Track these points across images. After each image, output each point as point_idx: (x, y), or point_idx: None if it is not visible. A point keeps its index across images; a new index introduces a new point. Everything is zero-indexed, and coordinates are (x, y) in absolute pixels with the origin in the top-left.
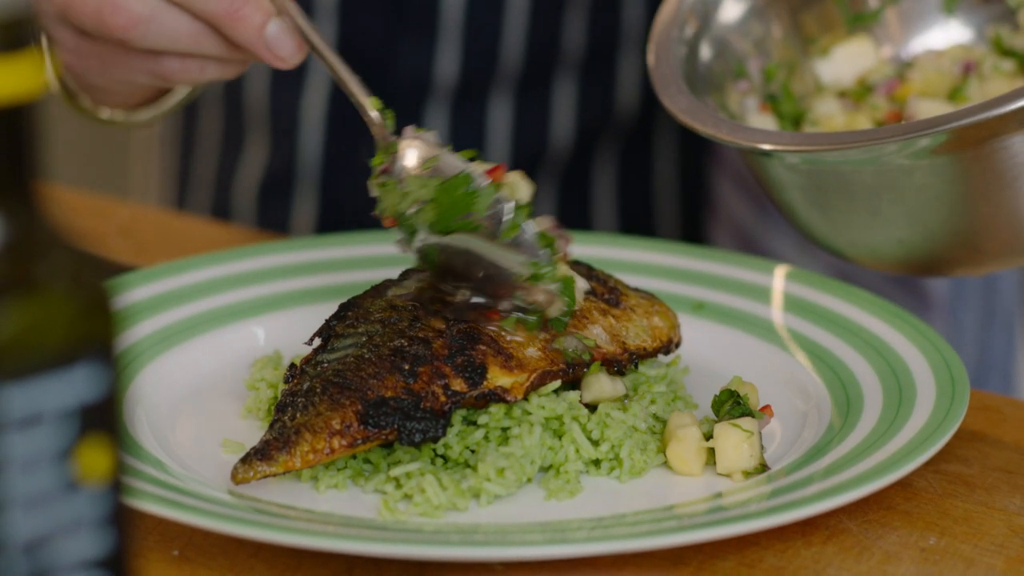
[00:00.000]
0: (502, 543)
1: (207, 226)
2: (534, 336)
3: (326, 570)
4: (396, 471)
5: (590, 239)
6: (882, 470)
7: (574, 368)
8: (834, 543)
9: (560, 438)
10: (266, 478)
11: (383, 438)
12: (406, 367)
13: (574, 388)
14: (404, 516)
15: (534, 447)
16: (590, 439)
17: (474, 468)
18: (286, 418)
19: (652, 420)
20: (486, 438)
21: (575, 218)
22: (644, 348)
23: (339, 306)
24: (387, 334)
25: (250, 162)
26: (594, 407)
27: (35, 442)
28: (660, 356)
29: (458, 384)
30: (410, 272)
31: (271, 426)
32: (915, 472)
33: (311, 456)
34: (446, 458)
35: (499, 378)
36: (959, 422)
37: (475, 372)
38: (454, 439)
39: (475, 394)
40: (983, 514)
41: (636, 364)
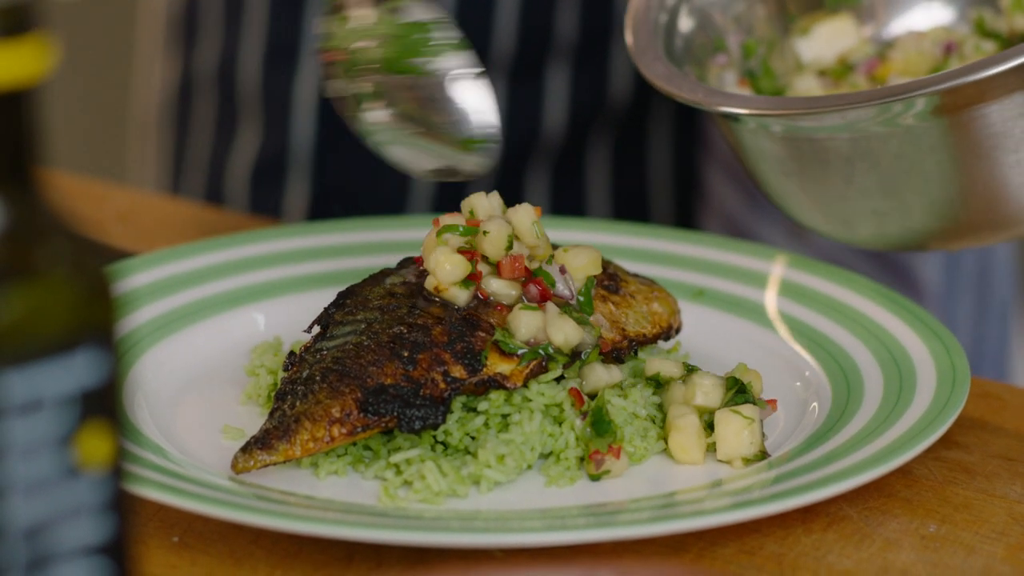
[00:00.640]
0: (502, 530)
1: (206, 212)
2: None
3: (326, 556)
4: (396, 458)
5: (586, 225)
6: (883, 457)
7: (575, 355)
8: (834, 530)
9: (560, 425)
10: (266, 467)
11: (383, 425)
12: (405, 354)
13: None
14: (404, 503)
15: (534, 434)
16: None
17: (474, 455)
18: (286, 406)
19: (652, 408)
20: (486, 425)
21: (568, 206)
22: (644, 335)
23: (338, 294)
24: (386, 321)
25: (243, 147)
26: (592, 396)
27: (35, 428)
28: (660, 342)
29: (458, 371)
30: (408, 260)
31: (271, 415)
32: (915, 459)
33: (311, 444)
34: (446, 445)
35: (498, 365)
36: (959, 409)
37: (474, 359)
38: (454, 426)
39: (475, 381)
40: (983, 501)
41: (636, 351)
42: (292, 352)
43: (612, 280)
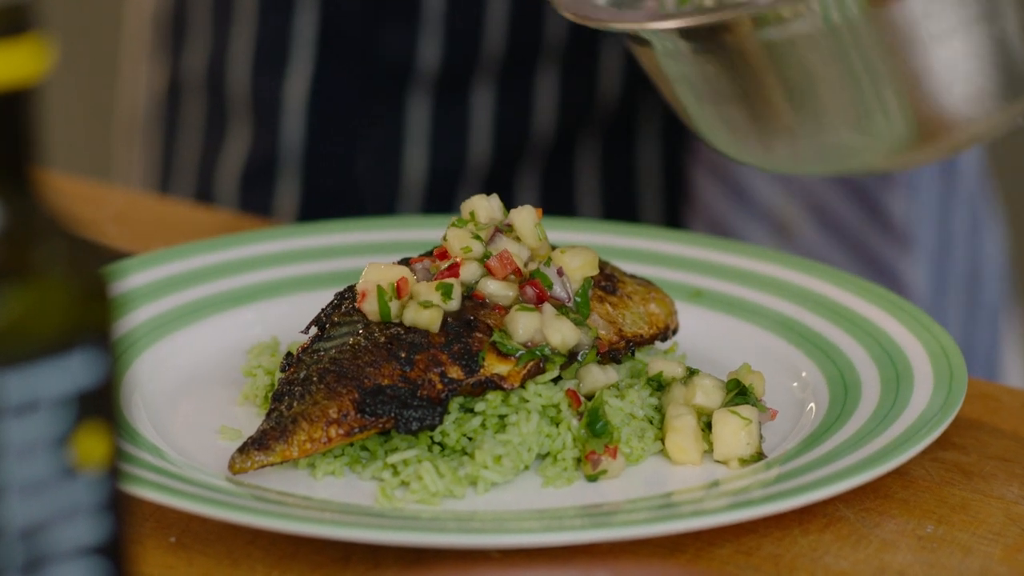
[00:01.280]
0: (499, 530)
1: (202, 213)
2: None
3: (323, 557)
4: (393, 458)
5: (578, 225)
6: (879, 458)
7: (572, 356)
8: (831, 531)
9: (557, 425)
10: (263, 468)
11: (380, 426)
12: (403, 355)
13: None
14: (401, 503)
15: (531, 434)
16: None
17: (471, 455)
18: (283, 407)
19: (650, 408)
20: (483, 425)
21: (558, 208)
22: (641, 335)
23: (335, 295)
24: (383, 322)
25: (233, 148)
26: (590, 396)
27: (32, 428)
28: (657, 343)
29: (455, 372)
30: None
31: (268, 415)
32: (912, 460)
33: (308, 445)
34: (443, 445)
35: (496, 365)
36: (956, 410)
37: (472, 360)
38: (451, 427)
39: (472, 381)
40: (981, 502)
41: (633, 352)
42: (289, 353)
43: (609, 281)
